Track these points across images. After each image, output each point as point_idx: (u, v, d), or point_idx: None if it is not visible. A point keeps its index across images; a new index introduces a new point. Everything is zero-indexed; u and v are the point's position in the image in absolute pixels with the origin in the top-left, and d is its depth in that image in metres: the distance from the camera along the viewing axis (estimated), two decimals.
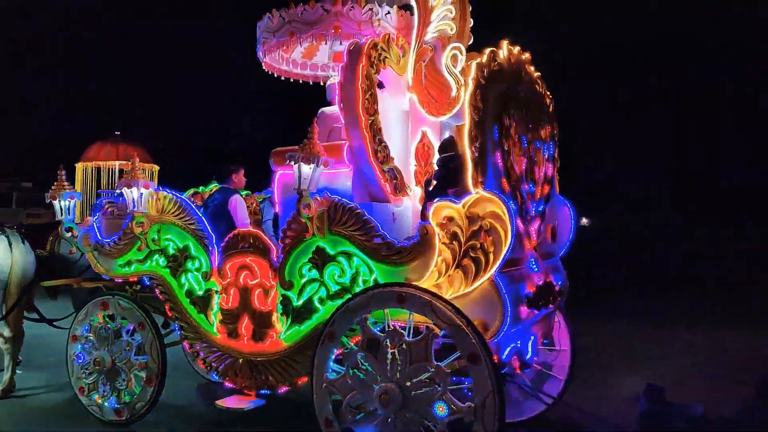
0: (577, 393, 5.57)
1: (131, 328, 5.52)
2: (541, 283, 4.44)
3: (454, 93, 4.58)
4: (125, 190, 5.22)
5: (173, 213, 5.33)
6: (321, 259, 4.48)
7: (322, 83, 5.95)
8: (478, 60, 3.96)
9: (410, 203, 4.77)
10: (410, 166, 4.81)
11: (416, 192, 4.83)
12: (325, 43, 5.58)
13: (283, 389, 4.79)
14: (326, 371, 4.19)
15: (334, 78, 5.53)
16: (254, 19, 5.09)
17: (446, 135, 4.94)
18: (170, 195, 5.36)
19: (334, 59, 5.87)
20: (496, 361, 3.83)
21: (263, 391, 4.91)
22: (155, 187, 5.34)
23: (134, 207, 5.27)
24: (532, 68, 4.66)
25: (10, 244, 6.46)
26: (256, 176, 7.26)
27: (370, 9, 4.62)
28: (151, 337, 5.37)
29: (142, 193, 5.26)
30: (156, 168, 11.92)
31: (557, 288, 4.79)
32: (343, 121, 4.43)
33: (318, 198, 4.35)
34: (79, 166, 11.78)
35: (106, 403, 5.52)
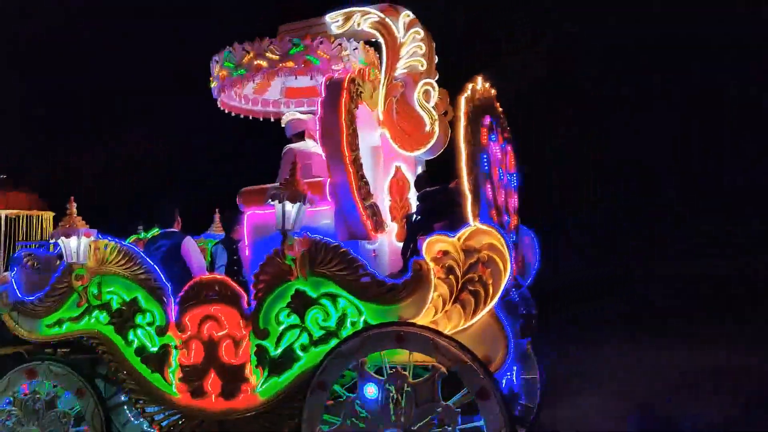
0: (562, 417, 5.57)
1: (67, 396, 4.86)
2: (524, 312, 4.45)
3: (428, 128, 4.58)
4: (63, 240, 4.66)
5: (117, 263, 4.82)
6: (301, 303, 4.21)
7: (272, 119, 5.73)
8: (466, 95, 3.99)
9: (386, 239, 4.65)
10: (385, 201, 4.70)
11: (392, 228, 4.72)
12: (278, 78, 5.39)
13: None
14: (318, 423, 3.90)
15: (291, 114, 5.36)
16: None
17: (419, 170, 4.90)
18: (113, 243, 4.85)
19: (286, 95, 5.69)
20: None
21: None
22: (97, 235, 4.81)
23: (71, 258, 4.70)
24: (497, 102, 4.78)
25: None
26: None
27: (339, 44, 4.53)
28: (92, 405, 4.76)
29: (82, 243, 4.71)
30: (51, 215, 10.83)
31: (533, 317, 4.83)
32: (324, 156, 4.26)
33: (297, 238, 4.12)
34: None
35: None
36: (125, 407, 5.43)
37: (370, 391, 3.79)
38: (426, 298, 3.88)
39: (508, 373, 4.25)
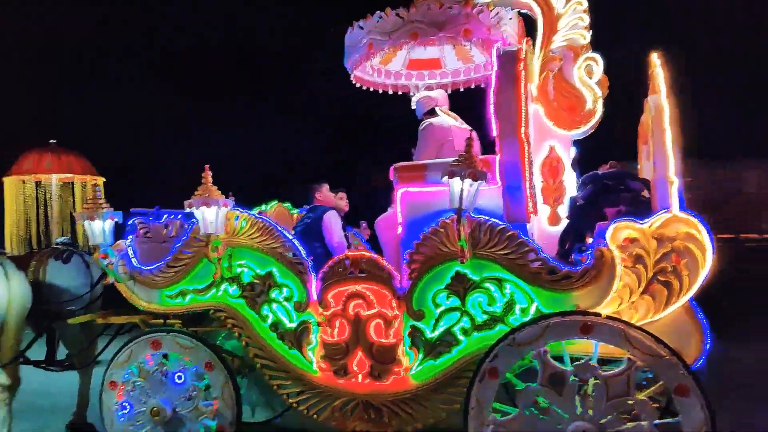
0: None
1: (195, 369, 4.72)
2: None
3: (589, 106, 4.35)
4: (203, 210, 4.45)
5: (250, 236, 4.62)
6: (462, 286, 4.05)
7: (399, 93, 5.50)
8: (664, 75, 3.75)
9: (535, 223, 4.46)
10: (537, 182, 4.50)
11: (543, 211, 4.53)
12: (405, 48, 5.12)
13: None
14: (488, 411, 3.77)
15: (422, 91, 5.17)
16: None
17: (573, 151, 4.68)
18: (246, 215, 4.65)
19: (408, 66, 5.43)
20: None
21: None
22: (233, 206, 4.61)
23: (208, 229, 4.50)
24: None
25: (5, 274, 5.34)
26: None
27: (497, 13, 4.26)
28: (223, 379, 4.62)
29: (220, 214, 4.51)
30: (101, 180, 10.58)
31: None
32: (496, 132, 4.03)
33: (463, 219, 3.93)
34: (10, 181, 10.13)
35: None
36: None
37: (551, 381, 3.66)
38: (609, 288, 3.72)
39: None
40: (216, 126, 16.75)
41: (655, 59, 3.93)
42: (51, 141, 10.10)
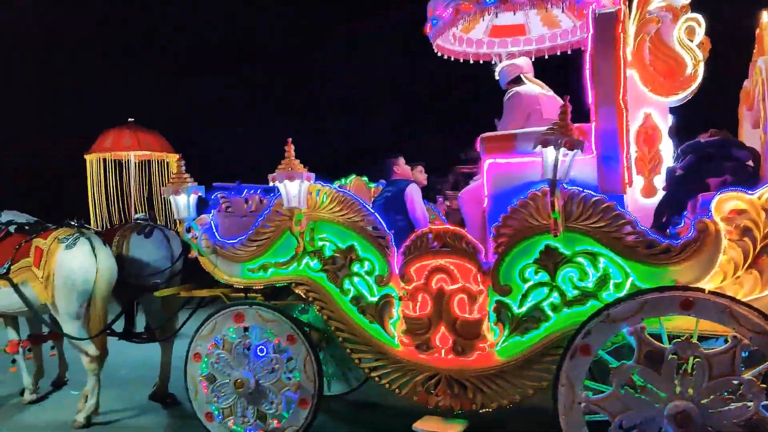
0: None
1: (277, 342, 4.76)
2: None
3: (689, 70, 4.10)
4: (286, 183, 4.45)
5: (330, 209, 4.60)
6: (552, 260, 3.90)
7: (480, 62, 5.35)
8: None
9: (629, 195, 4.25)
10: (632, 152, 4.28)
11: (637, 182, 4.31)
12: (487, 16, 4.95)
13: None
14: (580, 389, 3.64)
15: (505, 60, 4.99)
16: None
17: (670, 118, 4.43)
18: (327, 188, 4.63)
19: (490, 34, 5.26)
20: None
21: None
22: (314, 180, 4.59)
23: (292, 203, 4.50)
24: None
25: (93, 249, 5.53)
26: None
27: None
28: (304, 352, 4.65)
29: (302, 187, 4.50)
30: (175, 157, 10.82)
31: None
32: (592, 99, 3.85)
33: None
34: (91, 158, 10.51)
35: (244, 430, 4.76)
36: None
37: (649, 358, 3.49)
38: (712, 262, 3.51)
39: None
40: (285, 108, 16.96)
41: (766, 18, 3.65)
42: (129, 120, 10.38)
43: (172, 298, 5.88)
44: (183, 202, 4.87)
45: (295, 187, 4.46)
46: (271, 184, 4.55)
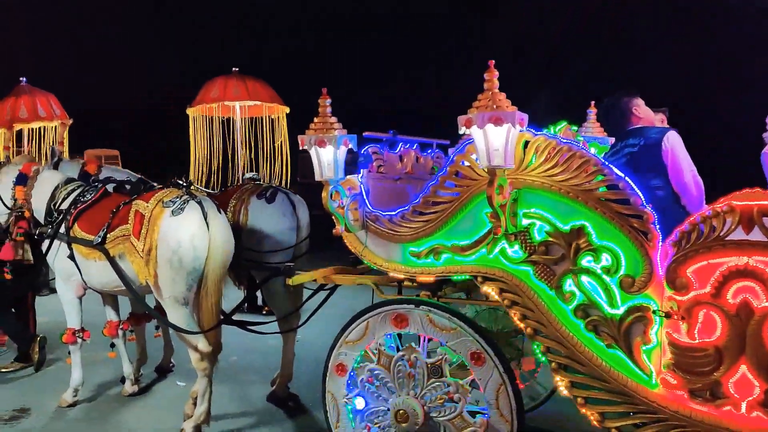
0: None
1: (456, 360, 3.33)
2: None
3: None
4: (488, 130, 2.92)
5: (547, 171, 3.05)
6: None
7: None
8: None
9: None
10: None
11: None
12: None
13: None
14: None
15: None
16: None
17: None
18: (546, 139, 3.07)
19: None
20: None
21: None
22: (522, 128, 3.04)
23: (494, 161, 2.98)
24: None
25: (205, 216, 4.28)
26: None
27: None
28: (496, 378, 3.18)
29: (511, 138, 2.96)
30: (286, 110, 9.57)
31: None
32: None
33: None
34: (195, 111, 9.38)
35: None
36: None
37: None
38: None
39: None
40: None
41: None
42: (234, 69, 9.19)
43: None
44: (328, 156, 3.46)
45: (500, 135, 2.92)
46: (462, 130, 3.03)
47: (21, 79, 9.23)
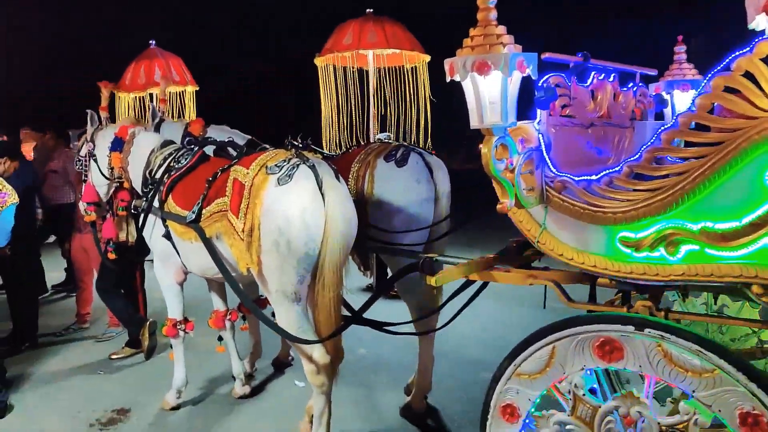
0: None
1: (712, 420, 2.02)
2: None
3: None
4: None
5: None
6: None
7: None
8: None
9: None
10: None
11: None
12: None
13: None
14: None
15: None
16: None
17: None
18: None
19: None
20: None
21: None
22: None
23: None
24: None
25: (319, 185, 3.21)
26: None
27: None
28: None
29: None
30: (427, 59, 8.10)
31: None
32: None
33: None
34: (323, 61, 8.16)
35: None
36: None
37: None
38: None
39: None
40: None
41: None
42: (368, 10, 7.80)
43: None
44: (494, 89, 2.21)
45: None
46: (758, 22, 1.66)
47: (150, 42, 8.69)
